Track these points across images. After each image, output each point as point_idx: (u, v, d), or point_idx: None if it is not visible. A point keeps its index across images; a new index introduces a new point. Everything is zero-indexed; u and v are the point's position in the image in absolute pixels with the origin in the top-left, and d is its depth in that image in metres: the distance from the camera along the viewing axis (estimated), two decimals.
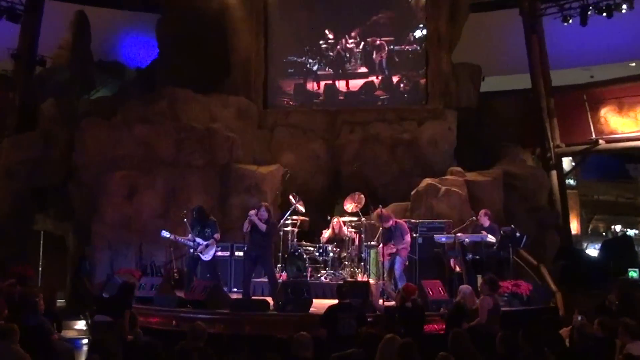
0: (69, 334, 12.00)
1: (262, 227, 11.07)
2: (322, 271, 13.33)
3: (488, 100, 18.65)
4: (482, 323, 8.89)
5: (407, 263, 12.12)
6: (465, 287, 9.68)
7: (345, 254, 13.47)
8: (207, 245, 11.81)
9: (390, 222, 12.10)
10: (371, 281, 11.91)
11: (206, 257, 11.87)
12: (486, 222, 12.43)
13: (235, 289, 13.49)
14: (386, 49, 18.01)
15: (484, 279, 9.37)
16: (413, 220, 13.51)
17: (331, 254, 13.39)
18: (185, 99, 16.79)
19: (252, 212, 11.30)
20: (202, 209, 12.27)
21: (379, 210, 12.32)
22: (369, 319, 8.87)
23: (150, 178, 15.39)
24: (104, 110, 16.87)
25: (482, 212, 12.62)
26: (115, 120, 16.21)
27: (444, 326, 9.36)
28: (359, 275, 13.15)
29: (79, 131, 15.89)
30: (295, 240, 13.92)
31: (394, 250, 11.84)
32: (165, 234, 12.10)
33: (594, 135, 17.70)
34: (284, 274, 13.19)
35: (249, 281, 11.49)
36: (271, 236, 11.55)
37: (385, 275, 11.89)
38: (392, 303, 10.24)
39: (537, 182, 16.29)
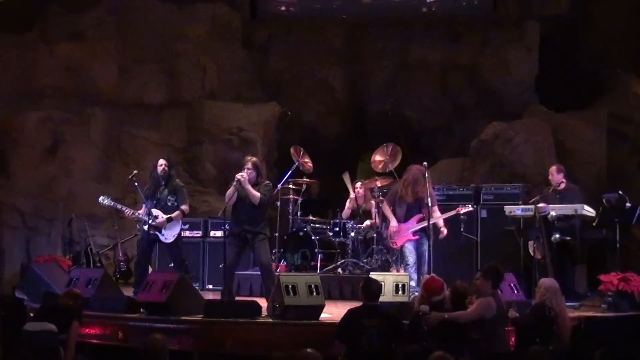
0: None
1: (255, 196, 11.00)
2: (340, 259, 13.38)
3: (586, 5, 18.45)
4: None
5: None
6: (548, 282, 9.61)
7: (372, 234, 13.50)
8: (169, 220, 11.80)
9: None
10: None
11: (167, 237, 11.87)
12: (562, 184, 12.21)
13: (210, 286, 13.61)
14: None
15: (482, 270, 8.96)
16: (473, 184, 13.52)
17: (352, 234, 13.40)
18: (134, 5, 16.74)
19: (241, 173, 11.19)
20: (171, 165, 12.15)
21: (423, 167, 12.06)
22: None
23: (83, 121, 15.41)
24: (13, 21, 16.77)
25: (553, 168, 12.31)
26: (31, 36, 16.20)
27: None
28: (393, 265, 13.15)
29: None
30: (300, 213, 13.95)
31: (437, 218, 11.62)
32: (105, 200, 12.07)
33: None
34: (283, 264, 13.27)
35: (232, 274, 11.51)
36: (267, 208, 11.50)
37: (411, 265, 11.68)
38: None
39: None
